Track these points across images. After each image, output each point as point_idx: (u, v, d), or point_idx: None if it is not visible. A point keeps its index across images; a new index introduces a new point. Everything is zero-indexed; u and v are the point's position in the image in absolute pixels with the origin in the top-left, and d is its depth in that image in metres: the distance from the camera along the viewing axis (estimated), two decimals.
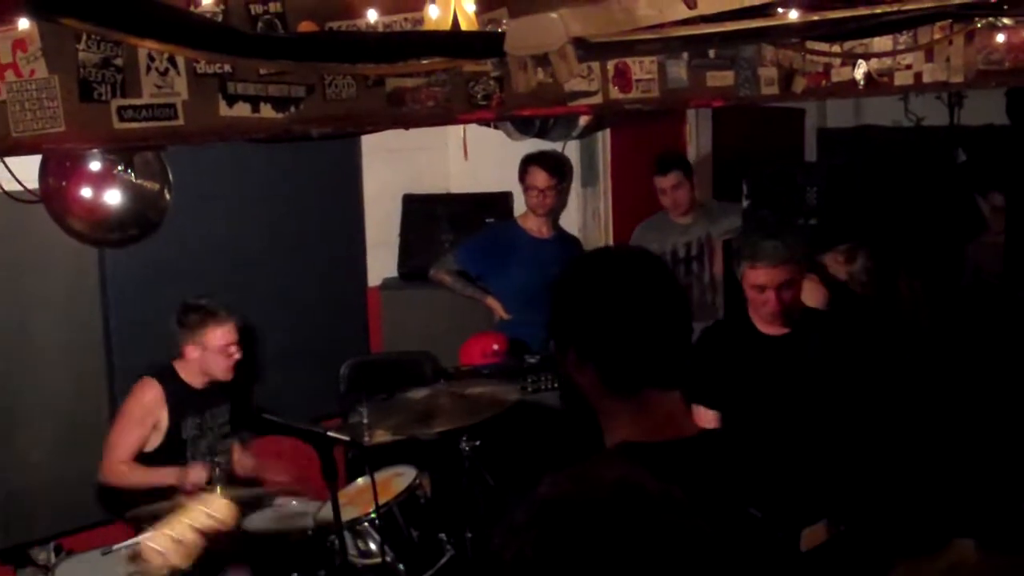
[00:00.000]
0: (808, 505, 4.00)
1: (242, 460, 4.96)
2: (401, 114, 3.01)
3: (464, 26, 2.42)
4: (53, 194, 3.55)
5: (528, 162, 6.17)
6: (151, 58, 2.54)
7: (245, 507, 4.48)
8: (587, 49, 2.21)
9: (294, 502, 4.65)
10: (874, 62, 4.23)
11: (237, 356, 4.81)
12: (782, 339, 4.24)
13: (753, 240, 4.14)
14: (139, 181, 3.58)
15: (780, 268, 4.10)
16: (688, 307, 2.22)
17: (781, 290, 4.13)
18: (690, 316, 2.23)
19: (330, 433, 2.86)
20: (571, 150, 6.68)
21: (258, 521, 4.49)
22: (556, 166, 6.20)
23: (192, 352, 4.74)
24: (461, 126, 5.64)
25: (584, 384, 2.12)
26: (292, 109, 2.78)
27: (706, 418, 4.14)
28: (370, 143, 6.17)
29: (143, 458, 4.62)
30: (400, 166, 6.65)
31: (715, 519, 1.90)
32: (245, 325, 4.94)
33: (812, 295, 4.91)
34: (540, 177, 6.10)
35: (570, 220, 6.79)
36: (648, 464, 1.95)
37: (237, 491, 4.29)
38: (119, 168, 3.52)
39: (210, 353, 4.74)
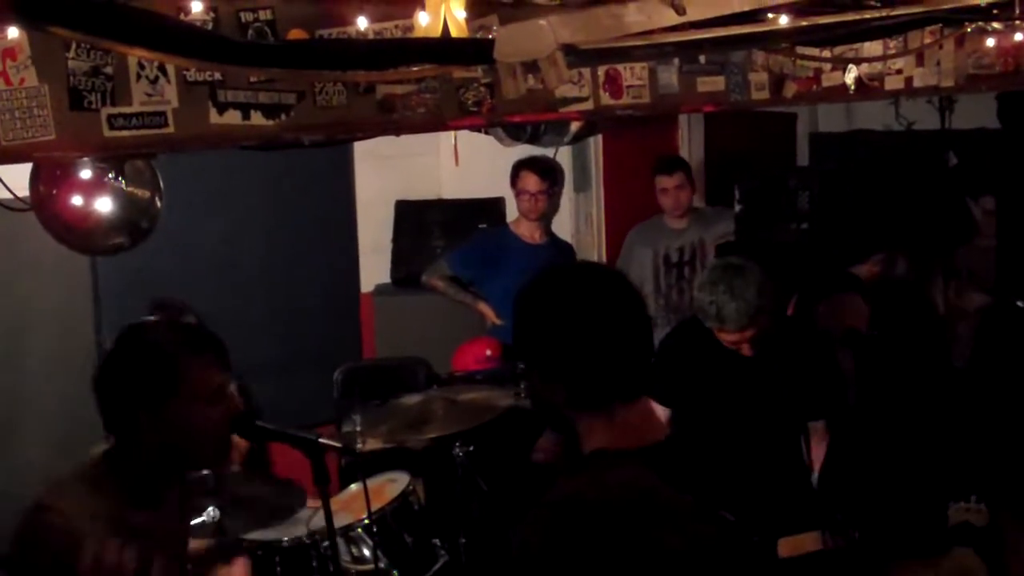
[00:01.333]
0: (782, 509, 4.01)
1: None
2: (392, 121, 3.01)
3: (454, 33, 2.43)
4: (44, 202, 3.55)
5: (519, 167, 6.17)
6: (141, 66, 2.54)
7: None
8: (577, 55, 2.21)
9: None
10: (865, 67, 4.24)
11: None
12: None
13: (717, 301, 4.02)
14: (130, 189, 3.58)
15: (746, 329, 4.06)
16: (647, 317, 2.25)
17: (752, 340, 4.11)
18: (650, 326, 2.26)
19: (322, 440, 2.85)
20: (563, 156, 6.68)
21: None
22: (547, 170, 6.20)
23: None
24: (452, 132, 5.64)
25: (552, 399, 2.16)
26: (283, 116, 2.78)
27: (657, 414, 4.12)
28: (362, 150, 6.17)
29: None
30: (392, 172, 6.66)
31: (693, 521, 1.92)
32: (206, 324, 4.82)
33: (855, 314, 4.90)
34: (531, 181, 6.10)
35: (563, 225, 6.80)
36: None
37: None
38: (110, 176, 3.51)
39: None
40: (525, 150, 6.18)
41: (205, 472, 4.01)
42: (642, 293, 2.31)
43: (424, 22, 2.45)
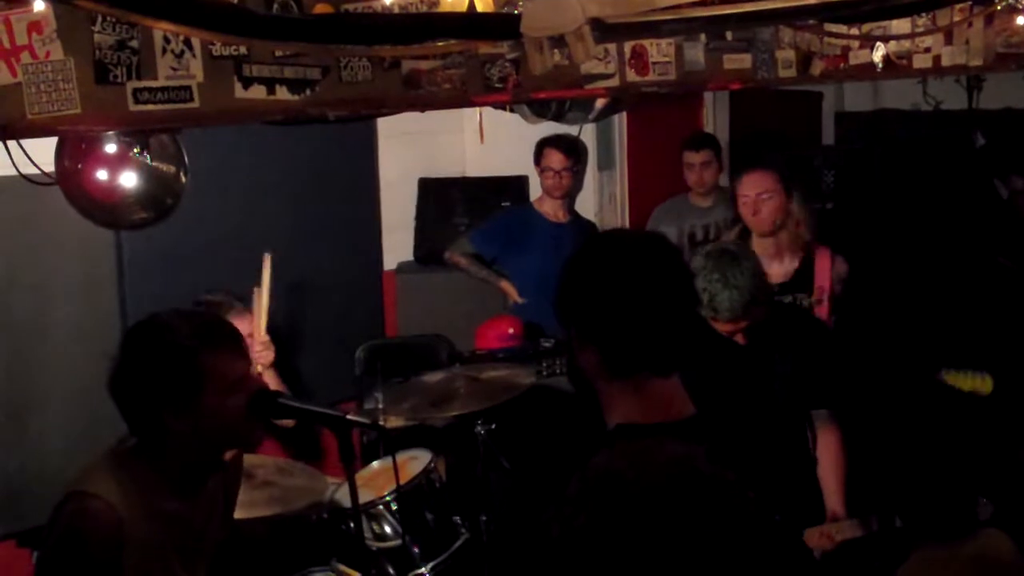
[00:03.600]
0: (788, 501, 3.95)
1: None
2: (417, 96, 3.00)
3: (480, 7, 2.42)
4: (69, 176, 3.54)
5: (544, 144, 6.17)
6: (166, 40, 2.53)
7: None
8: (604, 30, 2.20)
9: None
10: (893, 45, 4.20)
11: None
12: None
13: (710, 289, 3.87)
14: (155, 163, 3.57)
15: (740, 320, 3.96)
16: (694, 294, 2.23)
17: (746, 330, 4.02)
18: (695, 303, 2.24)
19: (350, 416, 2.84)
20: (587, 133, 6.66)
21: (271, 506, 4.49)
22: (571, 147, 6.20)
23: None
24: (477, 109, 5.62)
25: (585, 364, 2.15)
26: (307, 91, 2.77)
27: None
28: (386, 126, 6.16)
29: None
30: (416, 149, 6.65)
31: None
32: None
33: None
34: (556, 158, 6.10)
35: (586, 204, 6.78)
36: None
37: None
38: (135, 150, 3.51)
39: None
40: (549, 127, 6.17)
41: None
42: None
43: None
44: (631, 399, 2.13)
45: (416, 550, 4.30)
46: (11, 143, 2.88)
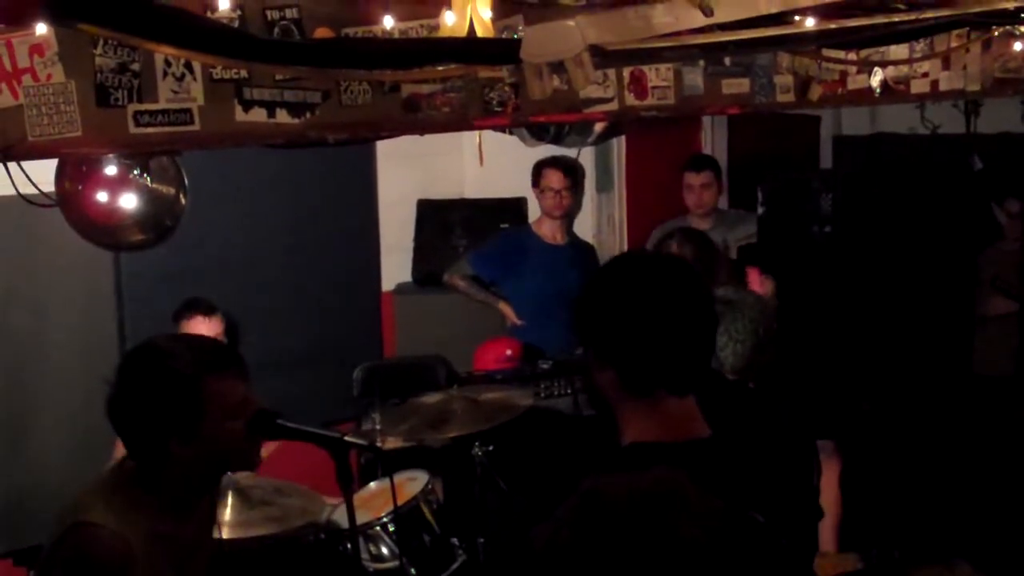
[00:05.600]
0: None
1: None
2: (416, 120, 3.01)
3: (480, 33, 2.43)
4: (69, 198, 3.55)
5: (542, 165, 6.17)
6: (167, 63, 2.54)
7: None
8: (604, 56, 2.21)
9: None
10: (891, 70, 4.22)
11: None
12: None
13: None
14: (155, 185, 3.58)
15: (747, 371, 3.83)
16: (713, 316, 2.23)
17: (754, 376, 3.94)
18: (714, 324, 2.24)
19: (347, 437, 2.84)
20: (586, 156, 6.67)
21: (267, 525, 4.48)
22: (569, 168, 6.21)
23: None
24: (476, 132, 5.64)
25: (603, 383, 2.16)
26: (308, 115, 2.78)
27: None
28: (385, 148, 6.17)
29: None
30: (415, 171, 6.66)
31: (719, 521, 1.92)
32: (237, 324, 4.76)
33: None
34: (555, 178, 6.10)
35: (585, 226, 6.79)
36: (656, 464, 1.97)
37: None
38: (135, 172, 3.52)
39: None
40: (548, 150, 6.18)
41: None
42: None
43: (450, 21, 2.46)
44: (647, 418, 2.15)
45: (413, 572, 4.29)
46: (12, 164, 2.90)
